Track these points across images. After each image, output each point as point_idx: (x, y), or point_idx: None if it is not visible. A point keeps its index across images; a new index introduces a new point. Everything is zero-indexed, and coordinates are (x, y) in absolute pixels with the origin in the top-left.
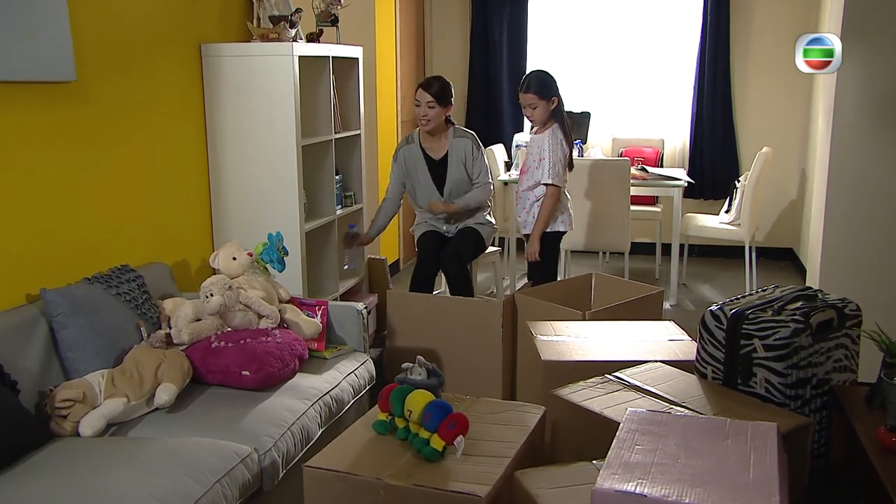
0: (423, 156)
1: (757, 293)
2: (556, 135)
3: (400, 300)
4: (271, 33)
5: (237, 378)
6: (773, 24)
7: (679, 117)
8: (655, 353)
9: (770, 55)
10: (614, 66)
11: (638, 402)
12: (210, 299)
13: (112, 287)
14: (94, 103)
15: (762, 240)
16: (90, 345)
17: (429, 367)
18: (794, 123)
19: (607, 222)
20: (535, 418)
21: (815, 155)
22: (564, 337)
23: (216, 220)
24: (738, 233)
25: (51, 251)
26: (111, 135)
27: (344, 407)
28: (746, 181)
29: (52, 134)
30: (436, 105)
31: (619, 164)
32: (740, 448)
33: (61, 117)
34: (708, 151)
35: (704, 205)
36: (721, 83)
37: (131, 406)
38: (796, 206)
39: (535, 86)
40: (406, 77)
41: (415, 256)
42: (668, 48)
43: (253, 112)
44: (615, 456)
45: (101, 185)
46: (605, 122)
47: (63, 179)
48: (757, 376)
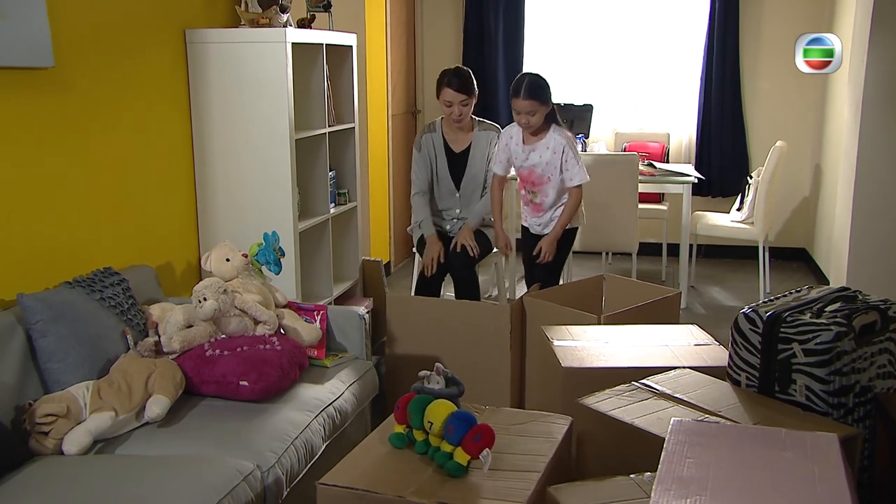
0: (444, 146)
1: (792, 294)
2: (565, 134)
3: (400, 304)
4: (261, 18)
5: (234, 388)
6: (784, 11)
7: (685, 110)
8: (682, 358)
9: (781, 43)
10: (616, 56)
11: (670, 412)
12: (203, 304)
13: (95, 291)
14: (74, 92)
15: (773, 239)
16: (72, 354)
17: (448, 375)
18: (808, 116)
19: (614, 221)
20: (563, 429)
21: (831, 149)
22: (583, 342)
23: (202, 220)
24: (751, 232)
25: (28, 253)
26: (91, 127)
27: (347, 419)
28: (760, 177)
29: (28, 125)
30: (468, 101)
31: (628, 160)
32: (801, 461)
33: (39, 107)
34: (716, 146)
35: (712, 202)
36: (730, 73)
37: (120, 420)
38: (810, 204)
39: (534, 91)
40: (396, 68)
41: (408, 257)
42: (673, 36)
43: (242, 103)
44: (667, 470)
45: (80, 180)
46: (607, 116)
47: (40, 174)
48: (796, 383)
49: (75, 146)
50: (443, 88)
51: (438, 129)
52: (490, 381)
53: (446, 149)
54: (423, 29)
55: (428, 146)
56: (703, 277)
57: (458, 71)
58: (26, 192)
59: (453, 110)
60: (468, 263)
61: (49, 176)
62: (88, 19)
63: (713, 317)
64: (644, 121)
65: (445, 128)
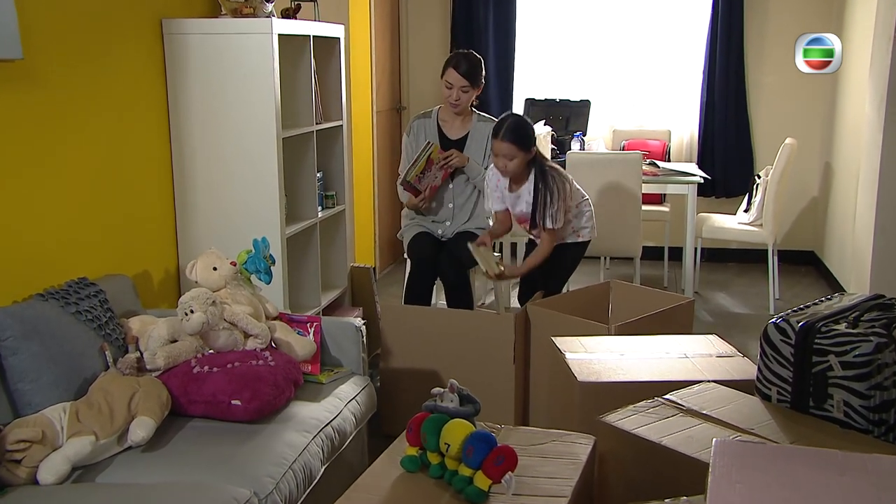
0: (438, 134)
1: (823, 302)
2: (549, 180)
3: (395, 314)
4: (245, 7)
5: (226, 408)
6: (791, 1)
7: (687, 106)
8: (705, 371)
9: (789, 35)
10: (613, 49)
11: (700, 429)
12: (190, 317)
13: (70, 304)
14: (45, 87)
15: (779, 242)
16: (46, 373)
17: (462, 393)
18: (816, 112)
19: (615, 224)
20: (587, 450)
21: (844, 147)
22: (598, 354)
23: (181, 225)
24: (759, 234)
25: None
26: (62, 125)
27: (346, 439)
28: (769, 176)
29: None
30: (469, 89)
31: (630, 159)
32: (864, 487)
33: (7, 103)
34: (720, 144)
35: (715, 203)
36: (734, 66)
37: (100, 445)
38: (818, 205)
39: (513, 134)
40: (381, 62)
41: (394, 262)
42: (673, 27)
43: (225, 99)
44: (716, 495)
45: (50, 183)
46: (604, 112)
47: (6, 176)
48: (833, 398)
49: (45, 146)
50: (448, 69)
51: (434, 115)
52: (492, 396)
53: (441, 136)
54: (409, 21)
55: (419, 132)
56: (708, 283)
57: (467, 55)
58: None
59: (452, 94)
60: (459, 269)
61: (17, 177)
62: (59, 7)
63: (721, 325)
64: (643, 117)
65: (442, 115)
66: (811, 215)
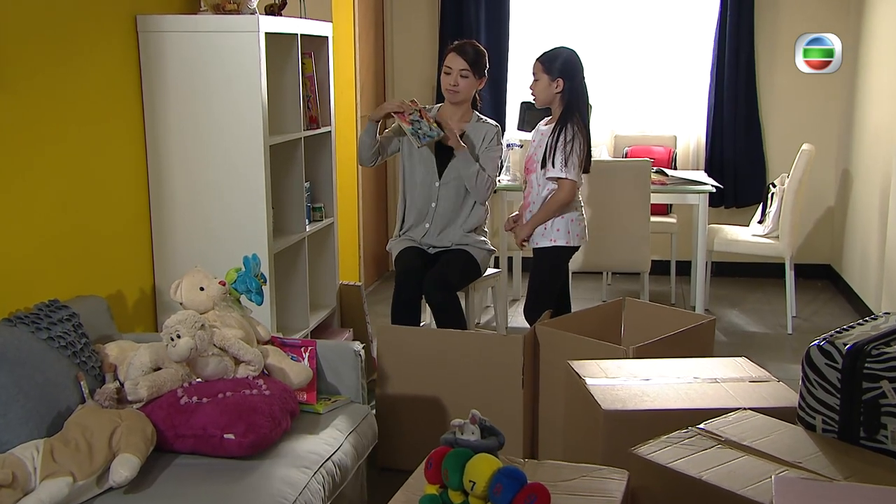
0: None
1: (868, 322)
2: (573, 124)
3: (391, 336)
4: (227, 3)
5: (218, 443)
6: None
7: (693, 110)
8: (739, 398)
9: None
10: (613, 49)
11: (741, 462)
12: (177, 342)
13: (41, 329)
14: (10, 93)
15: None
16: (16, 407)
17: (484, 424)
18: (833, 116)
19: (621, 236)
20: (621, 486)
21: (864, 153)
22: (620, 380)
23: (157, 241)
24: (776, 247)
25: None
26: (28, 132)
27: (348, 475)
28: (786, 185)
29: None
30: (469, 74)
31: (638, 167)
32: None
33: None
34: (729, 150)
35: (725, 214)
36: (744, 68)
37: (78, 487)
38: (835, 215)
39: (544, 55)
40: (365, 64)
41: (379, 279)
42: (679, 27)
43: (206, 104)
44: None
45: (16, 197)
46: (604, 117)
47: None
48: (887, 428)
49: (11, 158)
50: (449, 53)
51: (434, 112)
52: (498, 424)
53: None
54: (394, 22)
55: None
56: (718, 299)
57: (472, 43)
58: None
59: (450, 78)
60: (444, 287)
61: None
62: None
63: (737, 344)
64: (647, 122)
65: (442, 112)
66: (827, 226)
